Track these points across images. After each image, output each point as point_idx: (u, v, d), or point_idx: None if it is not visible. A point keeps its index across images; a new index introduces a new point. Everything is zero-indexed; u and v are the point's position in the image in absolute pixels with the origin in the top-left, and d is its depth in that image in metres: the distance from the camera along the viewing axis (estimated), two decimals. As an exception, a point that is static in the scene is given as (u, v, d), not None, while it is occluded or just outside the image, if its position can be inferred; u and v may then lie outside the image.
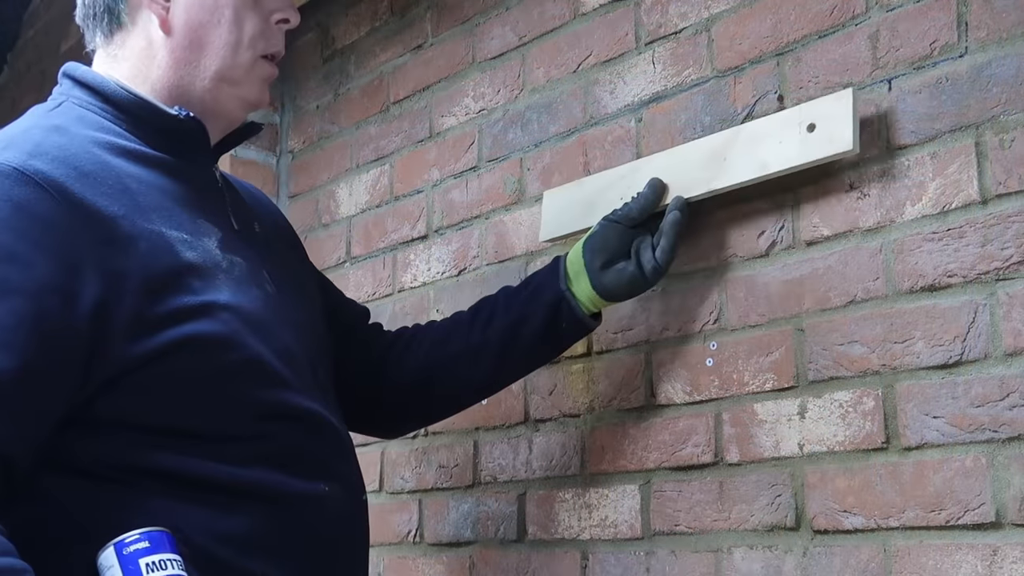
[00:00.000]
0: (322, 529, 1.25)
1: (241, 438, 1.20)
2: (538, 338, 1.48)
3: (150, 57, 1.31)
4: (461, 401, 1.59)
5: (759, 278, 1.44)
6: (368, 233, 2.10)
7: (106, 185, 1.17)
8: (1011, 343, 1.20)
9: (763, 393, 1.41)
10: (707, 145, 1.46)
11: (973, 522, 1.20)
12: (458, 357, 1.51)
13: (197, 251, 1.21)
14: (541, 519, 1.66)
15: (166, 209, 1.22)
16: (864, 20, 1.38)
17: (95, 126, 1.25)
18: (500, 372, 1.53)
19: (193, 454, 1.16)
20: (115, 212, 1.15)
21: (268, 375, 1.22)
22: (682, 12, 1.59)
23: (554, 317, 1.46)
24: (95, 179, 1.17)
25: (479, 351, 1.50)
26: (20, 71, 3.51)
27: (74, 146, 1.19)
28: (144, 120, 1.28)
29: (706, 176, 1.44)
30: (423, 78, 2.02)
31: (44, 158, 1.14)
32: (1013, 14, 1.24)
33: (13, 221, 1.09)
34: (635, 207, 1.47)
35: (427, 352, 1.54)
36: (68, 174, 1.14)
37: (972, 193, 1.25)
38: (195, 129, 1.30)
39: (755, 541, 1.39)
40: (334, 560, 1.27)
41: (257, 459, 1.20)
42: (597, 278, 1.44)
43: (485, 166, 1.87)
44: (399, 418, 1.62)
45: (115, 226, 1.15)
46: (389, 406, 1.57)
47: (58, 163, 1.15)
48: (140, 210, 1.18)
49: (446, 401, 1.58)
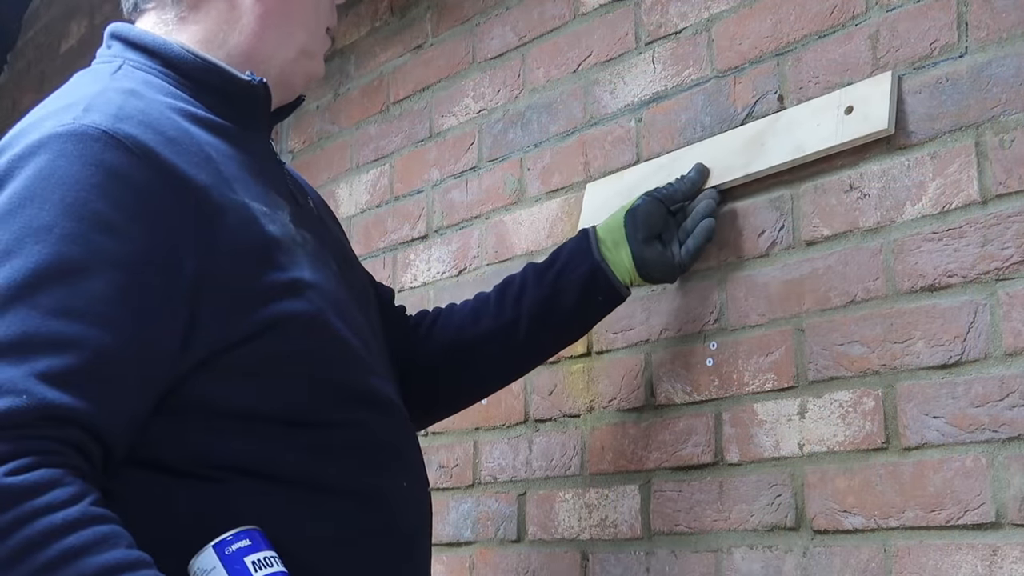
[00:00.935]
0: (404, 527, 1.21)
1: (330, 425, 1.15)
2: (573, 312, 1.43)
3: (233, 22, 1.26)
4: (490, 382, 1.53)
5: (759, 278, 1.44)
6: (368, 233, 2.10)
7: (190, 153, 1.11)
8: (1011, 343, 1.20)
9: (763, 393, 1.41)
10: (746, 133, 1.47)
11: (973, 522, 1.20)
12: (490, 334, 1.46)
13: (277, 225, 1.15)
14: (541, 519, 1.66)
15: (244, 180, 1.16)
16: (864, 20, 1.38)
17: (163, 91, 1.18)
18: (532, 349, 1.47)
19: (280, 444, 1.11)
20: (204, 181, 1.09)
21: (354, 358, 1.18)
22: (682, 12, 1.59)
23: (591, 288, 1.42)
24: (181, 146, 1.10)
25: (512, 327, 1.44)
26: (20, 71, 3.51)
27: (154, 111, 1.12)
28: (210, 86, 1.22)
29: (743, 161, 1.45)
30: (423, 78, 2.02)
31: (130, 122, 1.07)
32: (1013, 14, 1.24)
33: (107, 188, 1.03)
34: (680, 188, 1.46)
35: (456, 332, 1.48)
36: (157, 140, 1.08)
37: (972, 193, 1.25)
38: (264, 97, 1.26)
39: (755, 541, 1.39)
40: (410, 557, 1.23)
41: (345, 450, 1.15)
42: (639, 249, 1.41)
43: (485, 166, 1.87)
44: (427, 404, 1.52)
45: (205, 196, 1.09)
46: (417, 391, 1.47)
47: (145, 128, 1.08)
48: (224, 180, 1.12)
49: (475, 383, 1.52)
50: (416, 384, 1.45)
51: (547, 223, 1.75)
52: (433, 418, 1.60)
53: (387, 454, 1.20)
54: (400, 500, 1.20)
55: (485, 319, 1.47)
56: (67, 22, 3.28)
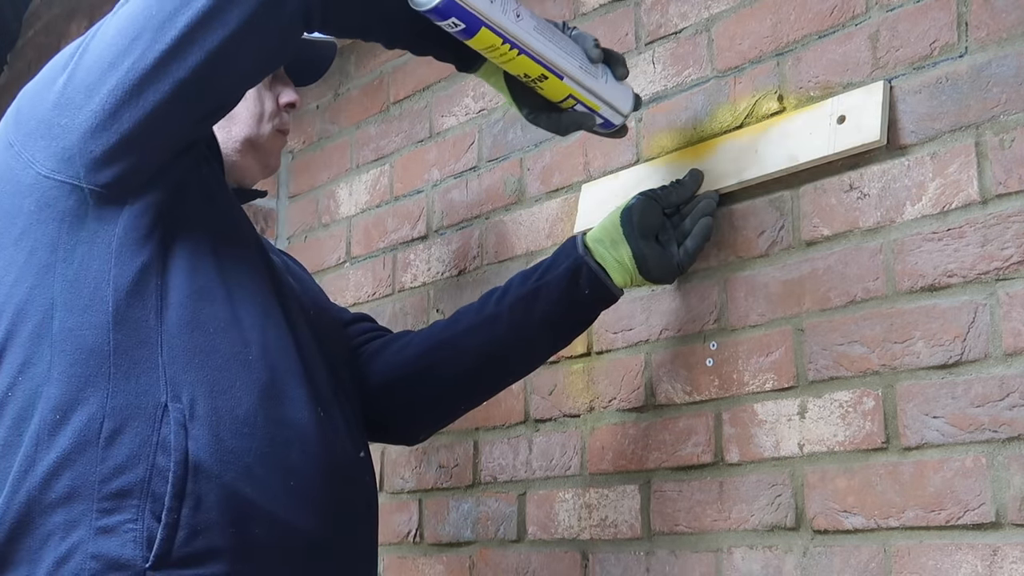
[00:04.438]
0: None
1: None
2: (557, 306, 1.43)
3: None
4: (476, 381, 1.51)
5: (759, 278, 1.44)
6: (368, 233, 2.10)
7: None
8: (1011, 343, 1.20)
9: (763, 393, 1.41)
10: (740, 139, 1.47)
11: (973, 522, 1.20)
12: (470, 328, 1.47)
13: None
14: (541, 519, 1.66)
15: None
16: (864, 20, 1.38)
17: None
18: (518, 346, 1.46)
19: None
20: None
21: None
22: (682, 12, 1.59)
23: (575, 281, 1.42)
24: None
25: (493, 320, 1.45)
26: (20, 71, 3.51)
27: None
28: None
29: (737, 168, 1.45)
30: (423, 78, 2.02)
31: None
32: (1013, 14, 1.24)
33: None
34: (675, 192, 1.46)
35: (439, 332, 1.50)
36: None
37: (972, 193, 1.25)
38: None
39: (755, 541, 1.39)
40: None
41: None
42: (639, 246, 1.41)
43: (485, 166, 1.87)
44: (418, 411, 1.54)
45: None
46: (405, 398, 1.50)
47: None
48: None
49: (461, 381, 1.50)
50: (404, 389, 1.49)
51: (547, 223, 1.75)
52: (430, 427, 1.61)
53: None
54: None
55: (466, 318, 1.49)
56: (67, 22, 3.28)
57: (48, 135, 1.19)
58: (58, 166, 1.19)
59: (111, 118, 1.16)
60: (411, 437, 1.62)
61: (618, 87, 1.39)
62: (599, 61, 1.35)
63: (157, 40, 1.15)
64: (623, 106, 1.40)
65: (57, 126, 1.19)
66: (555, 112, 1.37)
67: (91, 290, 1.18)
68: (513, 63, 1.30)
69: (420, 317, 1.93)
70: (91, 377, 1.16)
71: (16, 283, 1.19)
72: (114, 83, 1.16)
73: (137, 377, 1.17)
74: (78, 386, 1.16)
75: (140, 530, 1.13)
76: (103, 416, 1.15)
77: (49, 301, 1.18)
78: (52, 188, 1.19)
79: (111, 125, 1.16)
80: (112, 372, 1.16)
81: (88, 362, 1.16)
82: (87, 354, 1.17)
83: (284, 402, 1.25)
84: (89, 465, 1.14)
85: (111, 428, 1.15)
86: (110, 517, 1.13)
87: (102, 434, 1.14)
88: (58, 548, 1.13)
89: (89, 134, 1.17)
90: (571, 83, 1.33)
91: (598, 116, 1.39)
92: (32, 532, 1.14)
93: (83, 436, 1.14)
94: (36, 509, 1.14)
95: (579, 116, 1.38)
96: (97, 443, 1.14)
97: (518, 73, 1.32)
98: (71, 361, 1.16)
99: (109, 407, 1.15)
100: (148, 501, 1.13)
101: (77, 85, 1.18)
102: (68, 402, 1.15)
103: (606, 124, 1.42)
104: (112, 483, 1.14)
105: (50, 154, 1.19)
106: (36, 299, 1.18)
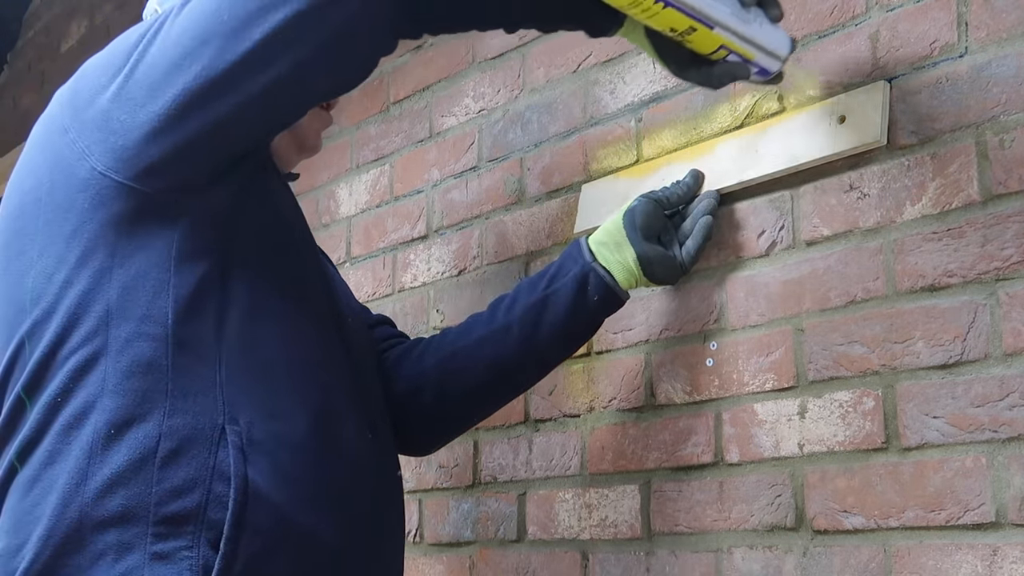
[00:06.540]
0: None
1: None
2: (568, 314, 1.41)
3: None
4: (489, 392, 1.49)
5: (759, 278, 1.44)
6: (368, 233, 2.10)
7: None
8: (1011, 343, 1.20)
9: (763, 393, 1.41)
10: (741, 139, 1.47)
11: (973, 522, 1.20)
12: (482, 340, 1.44)
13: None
14: (541, 519, 1.66)
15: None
16: (864, 20, 1.38)
17: None
18: (529, 355, 1.45)
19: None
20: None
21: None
22: (682, 12, 1.59)
23: (584, 288, 1.40)
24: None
25: (504, 332, 1.43)
26: (20, 71, 3.52)
27: None
28: None
29: (738, 168, 1.45)
30: (423, 78, 2.02)
31: None
32: (1013, 14, 1.24)
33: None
34: (676, 192, 1.46)
35: (451, 344, 1.47)
36: None
37: (972, 193, 1.25)
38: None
39: (755, 541, 1.39)
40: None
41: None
42: (643, 248, 1.40)
43: (485, 166, 1.87)
44: (430, 423, 1.51)
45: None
46: (417, 410, 1.47)
47: None
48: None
49: (473, 393, 1.48)
50: (420, 401, 1.46)
51: (547, 223, 1.74)
52: (443, 438, 1.59)
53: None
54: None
55: (477, 328, 1.46)
56: (67, 22, 3.28)
57: (105, 128, 1.14)
58: (115, 165, 1.14)
59: (173, 124, 1.11)
60: (424, 448, 1.59)
61: (773, 30, 1.28)
62: (752, 3, 1.25)
63: (227, 49, 1.08)
64: (781, 50, 1.30)
65: (116, 120, 1.13)
66: (705, 65, 1.28)
67: (148, 299, 1.13)
68: (657, 17, 1.19)
69: (420, 317, 1.93)
70: (148, 392, 1.11)
71: (68, 284, 1.14)
72: (180, 87, 1.10)
73: (195, 396, 1.12)
74: (135, 400, 1.11)
75: (196, 558, 1.08)
76: (159, 435, 1.10)
77: (105, 307, 1.13)
78: (108, 187, 1.14)
79: (172, 131, 1.11)
80: (170, 389, 1.11)
81: (146, 376, 1.11)
82: (144, 367, 1.12)
83: (338, 426, 1.21)
84: (144, 485, 1.09)
85: (168, 448, 1.09)
86: (165, 543, 1.08)
87: (158, 454, 1.09)
88: (111, 570, 1.08)
89: (150, 137, 1.12)
90: (723, 32, 1.23)
91: (753, 65, 1.29)
92: (83, 549, 1.08)
93: (139, 454, 1.09)
94: (88, 525, 1.09)
95: (733, 67, 1.28)
96: (153, 463, 1.09)
97: (663, 28, 1.22)
98: (127, 373, 1.12)
99: (166, 426, 1.10)
100: (204, 528, 1.08)
101: (139, 79, 1.13)
102: (125, 417, 1.10)
103: (761, 72, 1.31)
104: (168, 506, 1.09)
105: (106, 149, 1.14)
106: (91, 303, 1.13)
